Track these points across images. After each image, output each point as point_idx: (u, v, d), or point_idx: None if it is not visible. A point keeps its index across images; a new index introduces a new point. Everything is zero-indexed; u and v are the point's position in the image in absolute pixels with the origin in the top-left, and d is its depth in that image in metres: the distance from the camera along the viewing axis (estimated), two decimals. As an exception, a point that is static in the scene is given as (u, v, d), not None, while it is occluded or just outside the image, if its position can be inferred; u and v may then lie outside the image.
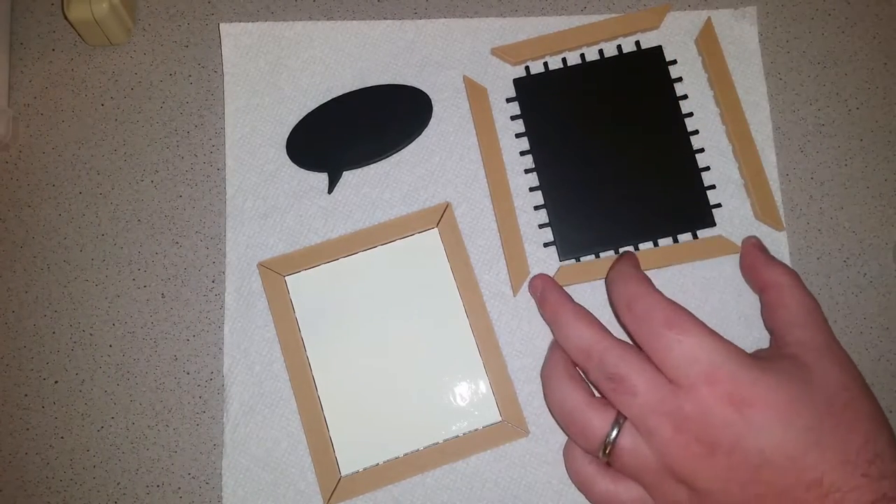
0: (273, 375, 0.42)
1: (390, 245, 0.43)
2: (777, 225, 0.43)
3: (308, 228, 0.44)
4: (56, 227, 0.45)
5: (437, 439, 0.41)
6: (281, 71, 0.46)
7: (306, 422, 0.41)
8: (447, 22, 0.46)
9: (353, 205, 0.44)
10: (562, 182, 0.44)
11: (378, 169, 0.45)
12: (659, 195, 0.43)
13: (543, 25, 0.46)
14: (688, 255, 0.43)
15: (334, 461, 0.41)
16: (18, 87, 0.47)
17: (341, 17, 0.47)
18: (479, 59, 0.46)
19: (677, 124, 0.44)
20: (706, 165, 0.44)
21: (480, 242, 0.44)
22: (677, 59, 0.45)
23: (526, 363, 0.42)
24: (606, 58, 0.45)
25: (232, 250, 0.44)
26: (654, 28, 0.45)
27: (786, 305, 0.37)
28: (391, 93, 0.45)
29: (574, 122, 0.44)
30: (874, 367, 0.43)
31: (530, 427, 0.42)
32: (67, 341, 0.44)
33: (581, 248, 0.43)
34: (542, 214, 0.44)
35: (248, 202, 0.44)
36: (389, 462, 0.41)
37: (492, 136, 0.44)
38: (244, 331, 0.43)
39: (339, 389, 0.42)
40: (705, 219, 0.43)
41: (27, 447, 0.43)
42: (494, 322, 0.43)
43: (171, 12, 0.48)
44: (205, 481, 0.43)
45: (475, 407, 0.42)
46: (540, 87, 0.45)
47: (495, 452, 0.41)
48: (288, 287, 0.43)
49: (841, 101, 0.46)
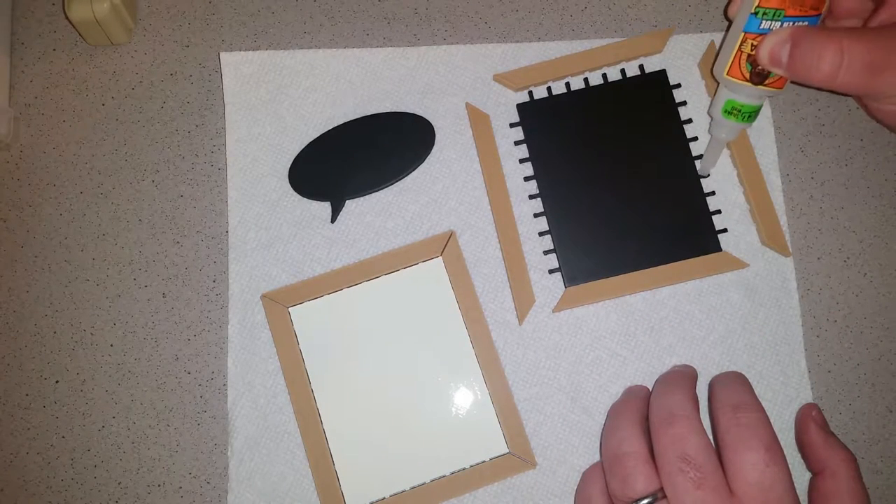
0: (278, 409, 0.42)
1: (394, 275, 0.43)
2: (783, 251, 0.43)
3: (311, 258, 0.44)
4: (57, 227, 0.46)
5: (444, 472, 0.41)
6: (282, 100, 0.45)
7: (311, 456, 0.41)
8: (449, 48, 0.46)
9: (356, 234, 0.44)
10: (566, 208, 0.43)
11: (381, 197, 0.44)
12: (664, 220, 0.43)
13: (546, 51, 0.46)
14: (692, 272, 0.42)
15: (340, 496, 0.41)
16: (19, 86, 0.47)
17: (342, 44, 0.47)
18: (481, 85, 0.45)
19: (682, 148, 0.44)
20: (711, 190, 0.44)
21: (485, 270, 0.43)
22: (681, 83, 0.45)
23: (532, 393, 0.42)
24: (610, 82, 0.45)
25: (235, 282, 0.44)
26: (657, 52, 0.45)
27: (839, 499, 0.37)
28: (393, 120, 0.44)
29: (578, 147, 0.44)
30: (874, 367, 0.43)
31: (538, 459, 0.41)
32: (68, 341, 0.44)
33: (586, 275, 0.43)
34: (546, 240, 0.44)
35: (250, 233, 0.44)
36: (396, 496, 0.41)
37: (495, 162, 0.44)
38: (248, 363, 0.43)
39: (345, 422, 0.42)
40: (711, 244, 0.43)
41: (28, 447, 0.43)
42: (500, 351, 0.42)
43: (172, 12, 0.48)
44: (206, 480, 0.43)
45: (481, 438, 0.41)
46: (543, 112, 0.45)
47: (502, 485, 0.41)
48: (292, 318, 0.43)
49: (841, 101, 0.46)
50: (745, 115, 0.40)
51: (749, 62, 0.39)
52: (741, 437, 0.35)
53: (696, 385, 0.40)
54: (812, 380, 0.43)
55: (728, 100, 0.40)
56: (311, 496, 0.41)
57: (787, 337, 0.42)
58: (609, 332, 0.43)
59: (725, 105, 0.40)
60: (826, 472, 0.38)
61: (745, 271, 0.43)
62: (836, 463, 0.37)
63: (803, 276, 0.44)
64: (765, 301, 0.43)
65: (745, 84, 0.39)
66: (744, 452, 0.34)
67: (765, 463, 0.34)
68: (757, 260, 0.43)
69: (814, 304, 0.44)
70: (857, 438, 0.42)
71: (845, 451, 0.38)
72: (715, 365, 0.42)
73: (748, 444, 0.34)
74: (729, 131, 0.41)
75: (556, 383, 0.42)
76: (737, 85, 0.40)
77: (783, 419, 0.41)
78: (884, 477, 0.42)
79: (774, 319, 0.43)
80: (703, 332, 0.43)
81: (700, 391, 0.40)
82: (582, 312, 0.43)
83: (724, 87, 0.41)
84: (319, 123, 0.45)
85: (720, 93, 0.41)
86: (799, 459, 0.40)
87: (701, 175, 0.44)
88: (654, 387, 0.39)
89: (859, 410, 0.43)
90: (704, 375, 0.42)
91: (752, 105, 0.40)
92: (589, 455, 0.41)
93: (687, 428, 0.35)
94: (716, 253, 0.43)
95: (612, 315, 0.43)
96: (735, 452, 0.35)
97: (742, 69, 0.39)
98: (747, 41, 0.39)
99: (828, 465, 0.38)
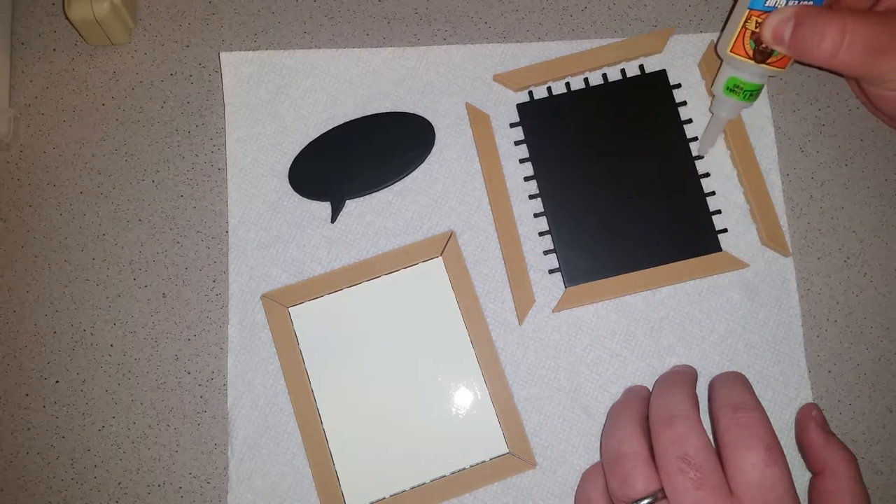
0: (277, 409, 0.42)
1: (394, 275, 0.43)
2: (783, 250, 0.43)
3: (311, 258, 0.44)
4: (57, 227, 0.46)
5: (444, 472, 0.41)
6: (282, 100, 0.45)
7: (311, 456, 0.41)
8: (449, 49, 0.46)
9: (356, 234, 0.44)
10: (566, 207, 0.43)
11: (381, 197, 0.44)
12: (664, 220, 0.43)
13: (546, 51, 0.45)
14: (692, 272, 0.42)
15: (340, 496, 0.41)
16: (19, 86, 0.47)
17: (342, 44, 0.47)
18: (481, 85, 0.45)
19: (682, 148, 0.44)
20: (711, 190, 0.44)
21: (485, 270, 0.43)
22: (681, 83, 0.45)
23: (532, 393, 0.42)
24: (610, 82, 0.45)
25: (235, 282, 0.44)
26: (657, 52, 0.45)
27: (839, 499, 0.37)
28: (393, 120, 0.44)
29: (578, 147, 0.44)
30: (874, 367, 0.43)
31: (538, 459, 0.41)
32: (68, 341, 0.44)
33: (586, 275, 0.43)
34: (546, 240, 0.44)
35: (250, 233, 0.44)
36: (396, 496, 0.41)
37: (495, 162, 0.44)
38: (248, 363, 0.43)
39: (345, 422, 0.42)
40: (711, 244, 0.43)
41: (28, 447, 0.43)
42: (500, 351, 0.42)
43: (172, 12, 0.48)
44: (206, 480, 0.43)
45: (481, 438, 0.41)
46: (543, 112, 0.45)
47: (502, 485, 0.41)
48: (292, 318, 0.43)
49: (841, 101, 0.46)
50: (746, 93, 0.41)
51: (753, 40, 0.39)
52: (741, 437, 0.35)
53: (696, 385, 0.40)
54: (812, 380, 0.43)
55: (730, 76, 0.41)
56: (311, 496, 0.41)
57: (787, 337, 0.42)
58: (609, 332, 0.43)
59: (727, 82, 0.41)
60: (826, 472, 0.38)
61: (745, 271, 0.43)
62: (837, 463, 0.37)
63: (803, 276, 0.44)
64: (765, 301, 0.43)
65: (748, 62, 0.40)
66: (744, 452, 0.34)
67: (765, 463, 0.34)
68: (757, 260, 0.43)
69: (814, 304, 0.44)
70: (857, 438, 0.42)
71: (845, 451, 0.38)
72: (715, 365, 0.42)
73: (748, 444, 0.34)
74: (730, 110, 0.41)
75: (556, 383, 0.42)
76: (740, 62, 0.40)
77: (783, 419, 0.41)
78: (884, 477, 0.42)
79: (774, 319, 0.43)
80: (703, 332, 0.43)
81: (700, 391, 0.40)
82: (582, 312, 0.43)
83: (727, 65, 0.41)
84: (319, 123, 0.45)
85: (723, 70, 0.41)
86: (799, 459, 0.40)
87: (698, 156, 0.44)
88: (654, 387, 0.39)
89: (859, 410, 0.43)
90: (704, 375, 0.42)
91: (753, 83, 0.40)
92: (589, 455, 0.41)
93: (687, 428, 0.35)
94: (716, 253, 0.43)
95: (612, 315, 0.43)
96: (735, 452, 0.35)
97: (746, 46, 0.39)
98: (752, 18, 0.39)
99: (828, 465, 0.38)
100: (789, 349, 0.42)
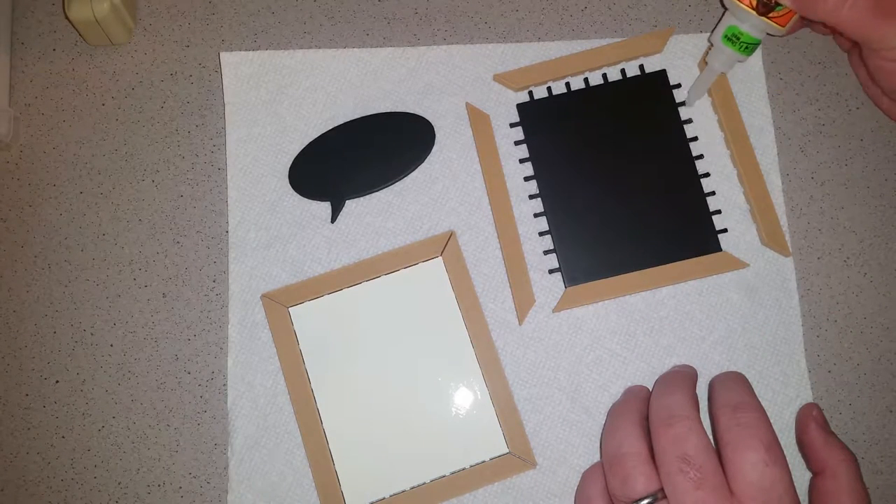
0: (277, 408, 0.42)
1: (394, 275, 0.43)
2: (784, 251, 0.43)
3: (311, 258, 0.44)
4: (57, 227, 0.46)
5: (444, 472, 0.41)
6: (282, 100, 0.45)
7: (311, 456, 0.41)
8: (449, 49, 0.46)
9: (356, 234, 0.44)
10: (566, 207, 0.43)
11: (381, 197, 0.44)
12: (664, 220, 0.43)
13: (546, 51, 0.45)
14: (692, 272, 0.42)
15: (340, 496, 0.41)
16: (19, 86, 0.47)
17: (342, 44, 0.47)
18: (481, 85, 0.45)
19: (682, 148, 0.44)
20: (711, 190, 0.44)
21: (485, 270, 0.43)
22: (681, 83, 0.45)
23: (532, 393, 0.42)
24: (610, 82, 0.45)
25: (235, 281, 0.44)
26: (657, 52, 0.45)
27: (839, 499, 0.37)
28: (393, 120, 0.44)
29: (578, 147, 0.44)
30: (874, 367, 0.43)
31: (538, 459, 0.41)
32: (68, 341, 0.44)
33: (586, 275, 0.43)
34: (546, 240, 0.44)
35: (250, 233, 0.44)
36: (396, 496, 0.41)
37: (495, 162, 0.44)
38: (248, 363, 0.43)
39: (345, 422, 0.42)
40: (711, 244, 0.43)
41: (28, 446, 0.43)
42: (500, 351, 0.42)
43: (172, 12, 0.48)
44: (206, 480, 0.43)
45: (482, 438, 0.41)
46: (543, 112, 0.45)
47: (503, 485, 0.41)
48: (292, 318, 0.43)
49: (841, 101, 0.46)
50: (743, 45, 0.41)
51: None
52: (741, 437, 0.35)
53: (696, 385, 0.40)
54: (812, 380, 0.43)
55: (730, 25, 0.41)
56: (311, 496, 0.41)
57: (787, 337, 0.42)
58: (609, 332, 0.43)
59: (727, 31, 0.41)
60: (826, 472, 0.38)
61: (745, 271, 0.43)
62: (837, 463, 0.37)
63: (803, 276, 0.44)
64: (765, 301, 0.43)
65: (751, 12, 0.40)
66: (744, 452, 0.34)
67: (765, 463, 0.34)
68: (757, 260, 0.43)
69: (814, 304, 0.44)
70: (857, 438, 0.42)
71: (846, 451, 0.38)
72: (715, 365, 0.42)
73: (748, 443, 0.34)
74: (724, 61, 0.42)
75: (556, 383, 0.42)
76: (743, 12, 0.40)
77: (783, 419, 0.41)
78: (884, 477, 0.42)
79: (774, 319, 0.43)
80: (703, 332, 0.43)
81: (700, 391, 0.40)
82: (582, 312, 0.43)
83: (729, 14, 0.41)
84: (319, 123, 0.45)
85: (724, 19, 0.42)
86: (799, 459, 0.40)
87: (686, 105, 0.44)
88: (654, 387, 0.39)
89: (859, 410, 0.43)
90: (704, 375, 0.42)
91: (752, 37, 0.40)
92: (589, 455, 0.41)
93: (687, 428, 0.35)
94: (716, 253, 0.43)
95: (612, 315, 0.43)
96: (735, 452, 0.34)
97: None
98: None
99: (828, 464, 0.38)
100: (789, 349, 0.42)
